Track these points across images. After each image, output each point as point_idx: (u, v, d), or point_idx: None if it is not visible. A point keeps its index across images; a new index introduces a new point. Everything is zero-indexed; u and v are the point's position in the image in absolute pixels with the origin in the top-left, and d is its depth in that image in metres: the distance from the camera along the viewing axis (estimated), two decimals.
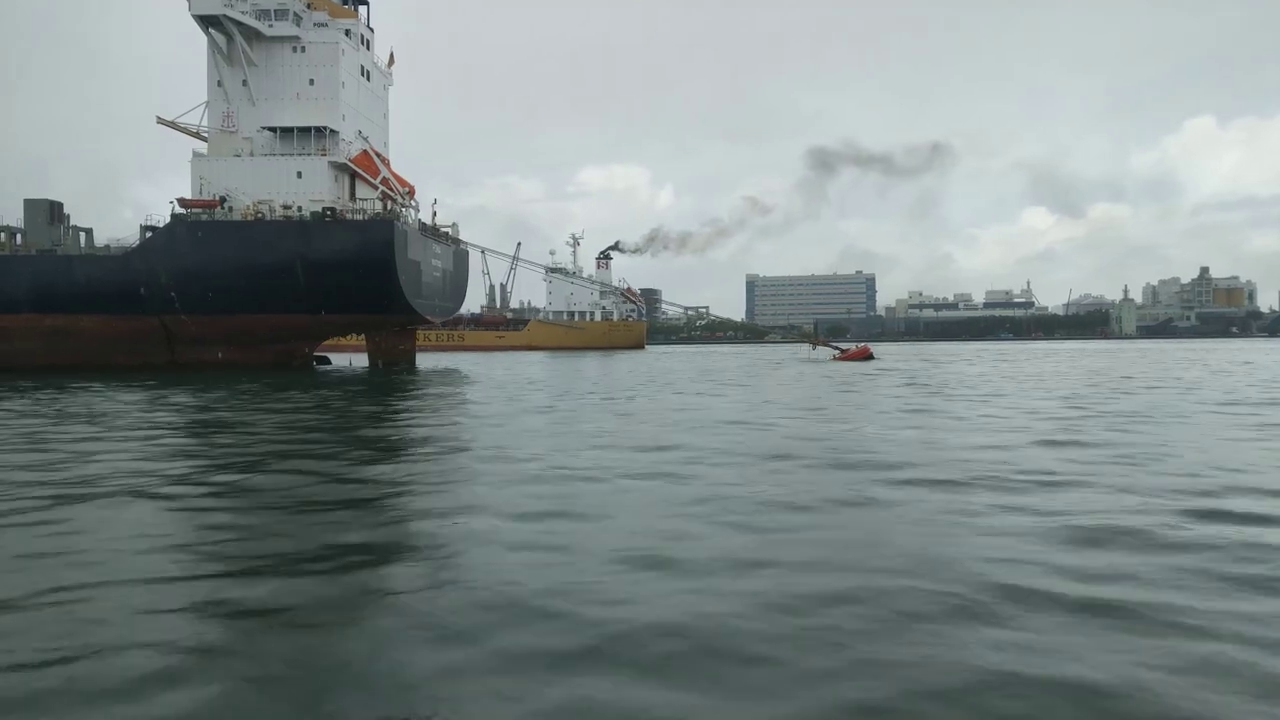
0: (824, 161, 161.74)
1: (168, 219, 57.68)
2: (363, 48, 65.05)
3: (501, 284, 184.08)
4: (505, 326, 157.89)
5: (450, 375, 49.94)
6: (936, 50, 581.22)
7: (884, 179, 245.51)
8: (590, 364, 70.27)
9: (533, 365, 67.44)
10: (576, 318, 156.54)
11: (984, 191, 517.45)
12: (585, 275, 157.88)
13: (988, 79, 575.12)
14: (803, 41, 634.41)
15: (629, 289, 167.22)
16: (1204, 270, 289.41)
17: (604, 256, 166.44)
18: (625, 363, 73.09)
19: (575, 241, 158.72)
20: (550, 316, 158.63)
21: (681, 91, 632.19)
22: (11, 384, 39.14)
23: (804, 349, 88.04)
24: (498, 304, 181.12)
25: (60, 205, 62.77)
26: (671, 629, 6.07)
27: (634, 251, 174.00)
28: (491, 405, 26.96)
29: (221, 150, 60.35)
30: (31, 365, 54.55)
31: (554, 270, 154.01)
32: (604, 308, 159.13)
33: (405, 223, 59.89)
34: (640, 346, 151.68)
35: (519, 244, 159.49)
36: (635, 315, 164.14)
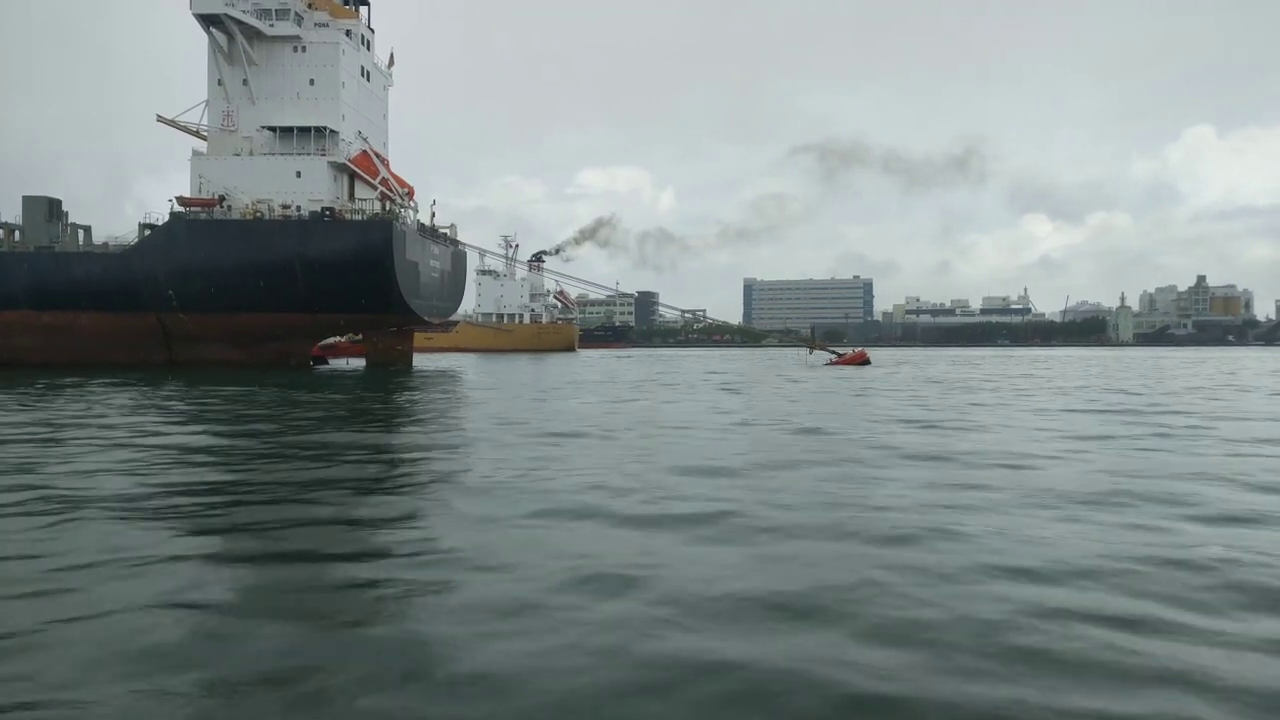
0: (839, 154, 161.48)
1: (167, 217, 57.80)
2: (363, 48, 65.18)
3: None
4: (434, 327, 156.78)
5: (453, 379, 49.90)
6: (940, 56, 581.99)
7: (905, 185, 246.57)
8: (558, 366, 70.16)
9: (519, 365, 67.39)
10: (505, 320, 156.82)
11: (983, 197, 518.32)
12: (518, 278, 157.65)
13: (990, 83, 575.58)
14: (808, 45, 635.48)
15: (561, 292, 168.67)
16: (1201, 279, 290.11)
17: (536, 259, 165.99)
18: (630, 367, 73.02)
19: (508, 244, 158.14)
20: (479, 319, 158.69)
21: (686, 94, 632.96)
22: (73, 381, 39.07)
23: (801, 353, 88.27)
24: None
25: (59, 202, 62.76)
26: None
27: (612, 245, 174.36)
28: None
29: (221, 149, 60.38)
30: (28, 362, 54.49)
31: (484, 272, 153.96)
32: (534, 310, 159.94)
33: (404, 223, 59.95)
34: (571, 349, 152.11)
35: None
36: (565, 318, 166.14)
